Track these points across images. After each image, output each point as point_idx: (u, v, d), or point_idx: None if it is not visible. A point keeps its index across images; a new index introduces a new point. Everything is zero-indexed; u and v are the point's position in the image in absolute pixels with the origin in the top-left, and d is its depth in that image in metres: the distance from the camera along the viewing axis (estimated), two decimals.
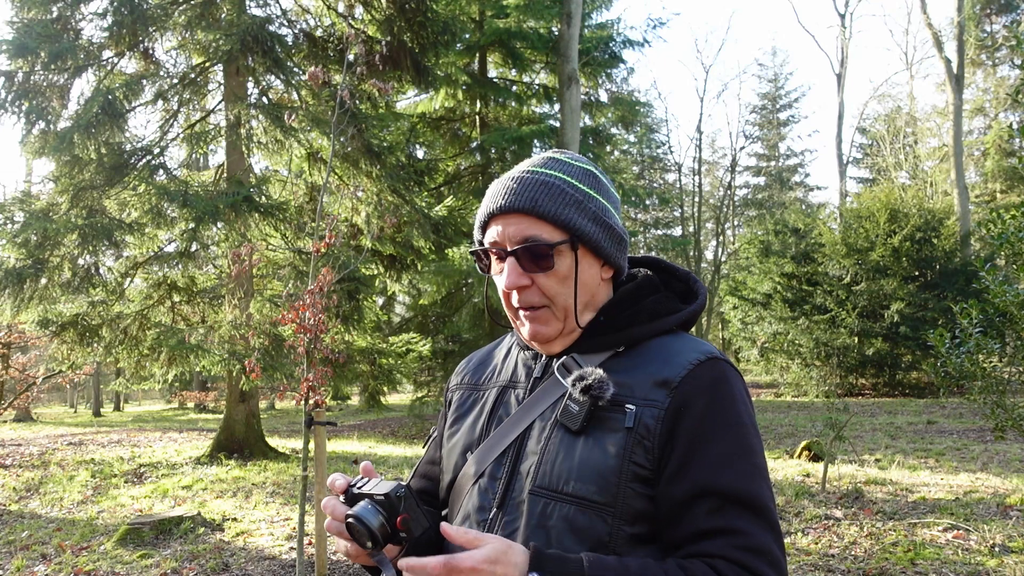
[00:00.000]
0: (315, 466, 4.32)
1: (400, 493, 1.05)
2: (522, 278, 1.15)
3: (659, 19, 30.79)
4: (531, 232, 1.14)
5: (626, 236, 1.23)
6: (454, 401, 1.35)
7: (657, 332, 1.18)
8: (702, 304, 1.25)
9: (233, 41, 9.18)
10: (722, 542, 1.03)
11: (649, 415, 1.09)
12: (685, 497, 1.05)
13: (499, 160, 15.33)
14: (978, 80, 29.48)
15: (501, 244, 1.17)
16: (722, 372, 1.13)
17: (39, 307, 9.66)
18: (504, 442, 1.17)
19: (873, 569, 4.45)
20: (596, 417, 1.10)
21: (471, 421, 1.27)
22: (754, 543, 1.03)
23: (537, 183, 1.16)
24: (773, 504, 1.08)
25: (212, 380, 23.68)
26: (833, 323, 17.41)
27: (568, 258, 1.15)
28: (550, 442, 1.12)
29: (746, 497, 1.05)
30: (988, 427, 6.25)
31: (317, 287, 4.23)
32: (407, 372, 11.83)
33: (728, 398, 1.11)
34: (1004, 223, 4.29)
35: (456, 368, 1.43)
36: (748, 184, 40.74)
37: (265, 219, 9.58)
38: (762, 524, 1.04)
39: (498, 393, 1.26)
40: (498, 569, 0.97)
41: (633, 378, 1.12)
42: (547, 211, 1.14)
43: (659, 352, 1.15)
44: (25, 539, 6.44)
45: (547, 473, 1.10)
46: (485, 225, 1.21)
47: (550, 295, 1.16)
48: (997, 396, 4.55)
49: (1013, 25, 24.20)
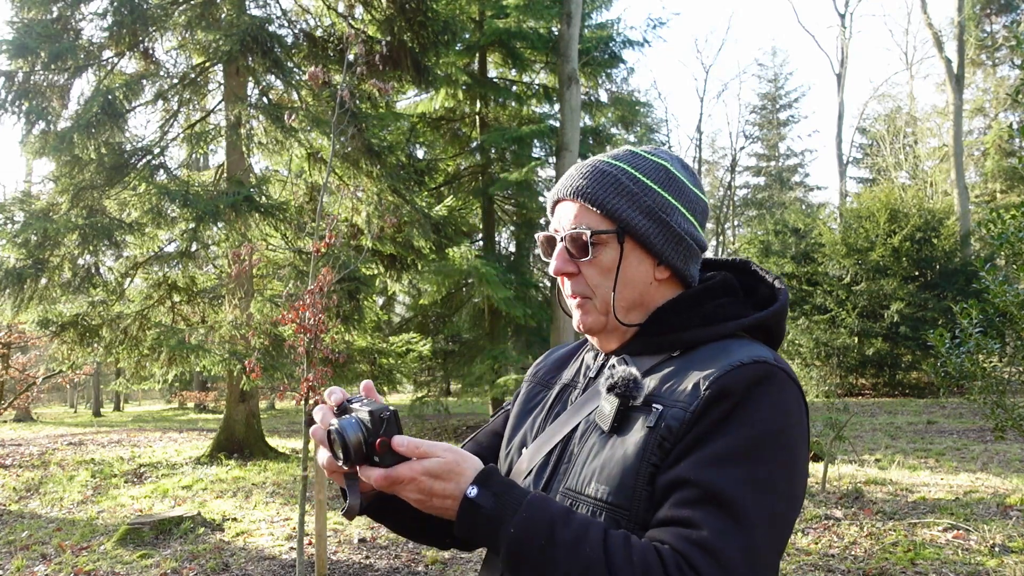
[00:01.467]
0: (315, 466, 4.32)
1: (386, 415, 1.03)
2: (567, 265, 1.15)
3: (659, 19, 30.77)
4: (581, 219, 1.13)
5: (694, 240, 1.16)
6: (523, 393, 1.34)
7: (715, 336, 1.10)
8: (775, 311, 1.14)
9: (233, 41, 9.18)
10: (675, 531, 0.95)
11: (674, 415, 1.02)
12: (666, 484, 0.99)
13: (499, 160, 15.32)
14: (978, 80, 29.48)
15: (556, 230, 1.17)
16: (766, 375, 1.02)
17: (39, 307, 9.66)
18: (553, 440, 1.16)
19: (873, 569, 4.45)
20: (626, 418, 1.06)
21: (532, 417, 1.26)
22: (708, 541, 0.91)
23: (597, 171, 1.15)
24: (764, 523, 0.95)
25: (212, 380, 23.66)
26: (833, 323, 17.41)
27: (613, 250, 1.12)
28: (586, 443, 1.10)
29: (725, 498, 0.94)
30: (988, 427, 6.25)
31: (317, 287, 4.22)
32: (407, 372, 11.84)
33: (760, 401, 1.00)
34: (1004, 223, 4.29)
35: (536, 360, 1.42)
36: (748, 184, 40.77)
37: (265, 219, 9.58)
38: (731, 529, 0.93)
39: (559, 392, 1.25)
40: (436, 484, 0.98)
41: (677, 381, 1.06)
42: (595, 199, 1.12)
43: (711, 355, 1.07)
44: (25, 539, 6.44)
45: (577, 474, 1.08)
46: (552, 211, 1.21)
47: (592, 286, 1.14)
48: (997, 396, 4.55)
49: (1013, 25, 24.21)
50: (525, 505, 0.97)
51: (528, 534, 0.94)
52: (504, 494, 0.98)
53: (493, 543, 0.98)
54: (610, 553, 0.92)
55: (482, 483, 0.98)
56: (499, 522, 0.96)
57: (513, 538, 0.95)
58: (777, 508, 0.97)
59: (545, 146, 15.41)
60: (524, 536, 0.95)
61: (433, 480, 0.98)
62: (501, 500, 0.97)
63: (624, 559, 0.92)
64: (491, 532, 0.97)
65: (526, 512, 0.96)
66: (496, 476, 1.00)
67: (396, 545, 5.58)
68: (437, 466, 0.98)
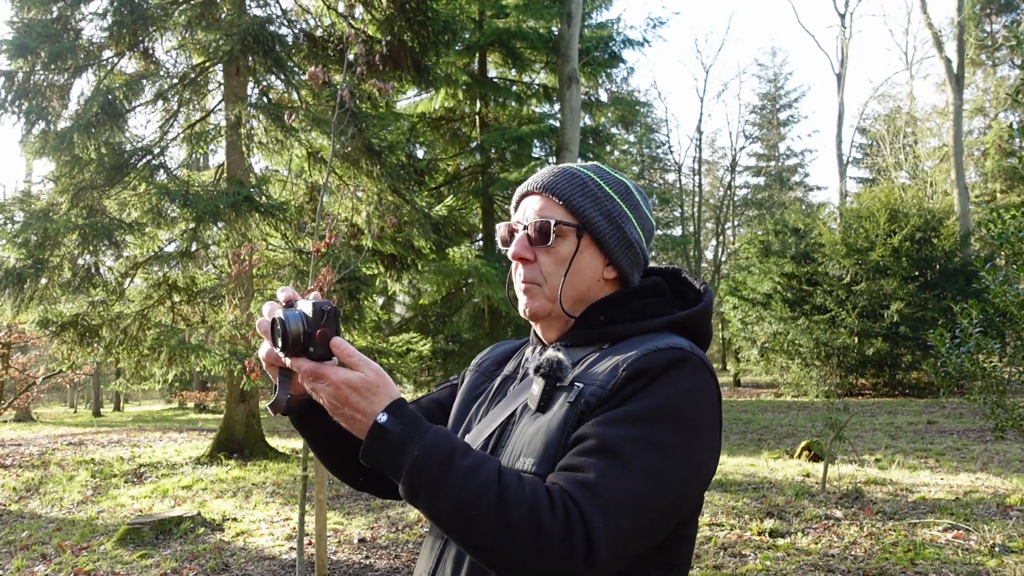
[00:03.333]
0: (315, 466, 4.32)
1: (327, 308, 1.07)
2: (525, 251, 1.23)
3: (659, 19, 30.79)
4: (546, 211, 1.23)
5: (641, 250, 1.26)
6: (467, 382, 1.41)
7: (641, 331, 1.19)
8: (698, 311, 1.23)
9: (233, 41, 9.17)
10: (566, 474, 1.01)
11: (592, 392, 1.09)
12: (571, 442, 1.06)
13: (499, 160, 15.33)
14: (978, 80, 29.47)
15: (519, 221, 1.26)
16: (680, 359, 1.09)
17: (39, 307, 9.65)
18: (492, 426, 1.22)
19: (873, 569, 4.45)
20: (552, 398, 1.13)
21: (476, 405, 1.32)
22: (592, 481, 0.98)
23: (566, 173, 1.26)
24: (649, 476, 1.00)
25: (212, 380, 23.66)
26: (833, 323, 17.41)
27: (571, 243, 1.21)
28: (519, 425, 1.17)
29: (614, 449, 1.00)
30: (988, 427, 6.25)
31: (317, 287, 4.22)
32: (407, 372, 11.83)
33: (670, 379, 1.07)
34: (1004, 223, 4.29)
35: (481, 351, 1.49)
36: (748, 184, 40.74)
37: (265, 219, 9.58)
38: (615, 474, 0.98)
39: (500, 383, 1.32)
40: (352, 396, 1.03)
41: (600, 364, 1.14)
42: (562, 194, 1.22)
43: (634, 345, 1.14)
44: (25, 539, 6.44)
45: (510, 452, 1.14)
46: (517, 206, 1.30)
47: (545, 273, 1.22)
48: (997, 396, 4.55)
49: (1013, 25, 24.19)
50: (430, 433, 1.02)
51: (428, 459, 0.99)
52: (411, 423, 1.02)
53: (396, 468, 1.01)
54: (503, 483, 0.98)
55: (392, 411, 1.03)
56: (403, 447, 1.00)
57: (415, 460, 0.99)
58: (666, 470, 1.02)
59: (545, 146, 15.42)
60: (425, 460, 0.99)
61: (350, 391, 1.03)
62: (408, 427, 1.02)
63: (516, 489, 0.97)
64: (395, 456, 1.01)
65: (430, 439, 1.01)
66: (406, 407, 1.05)
67: (396, 545, 5.58)
68: (358, 380, 1.04)
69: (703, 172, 38.35)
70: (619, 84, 26.50)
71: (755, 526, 5.43)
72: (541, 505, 0.96)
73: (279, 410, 1.19)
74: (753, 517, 5.70)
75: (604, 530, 0.95)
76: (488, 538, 0.96)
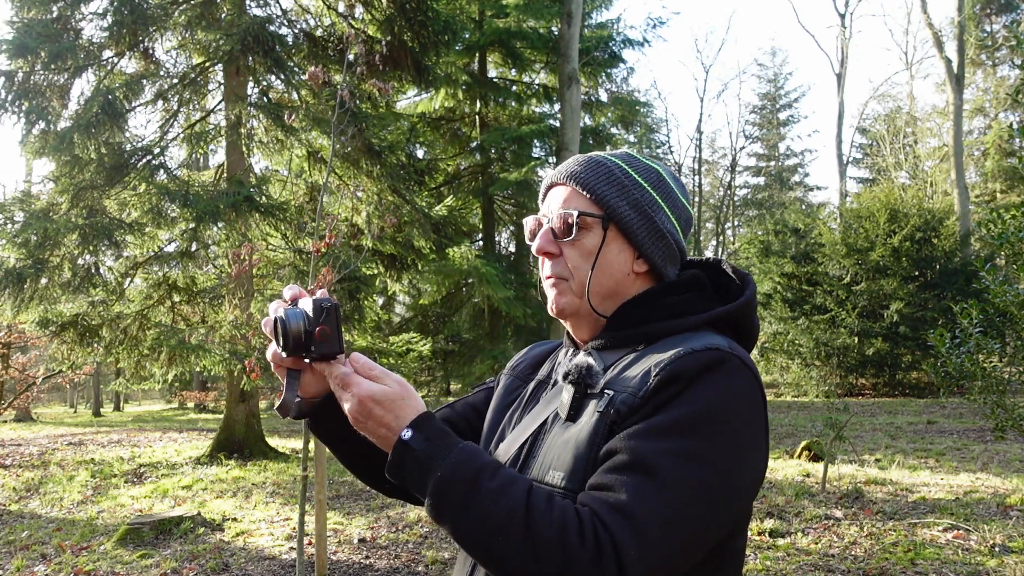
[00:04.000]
0: (315, 466, 4.32)
1: (327, 304, 1.06)
2: (550, 244, 1.17)
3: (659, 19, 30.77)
4: (570, 203, 1.16)
5: (675, 241, 1.18)
6: (502, 386, 1.35)
7: (678, 329, 1.11)
8: (739, 306, 1.14)
9: (233, 41, 9.17)
10: (597, 495, 0.95)
11: (623, 400, 1.02)
12: (602, 456, 1.00)
13: (499, 160, 15.33)
14: (978, 80, 29.47)
15: (545, 214, 1.20)
16: (719, 360, 1.01)
17: (39, 307, 9.65)
18: (525, 434, 1.17)
19: (873, 569, 4.45)
20: (582, 406, 1.08)
21: (511, 412, 1.27)
22: (625, 504, 0.92)
23: (592, 161, 1.19)
24: (687, 492, 0.94)
25: (212, 380, 23.65)
26: (833, 323, 17.40)
27: (596, 235, 1.15)
28: (550, 434, 1.12)
29: (647, 465, 0.94)
30: (988, 427, 6.25)
31: (317, 287, 4.22)
32: (407, 372, 11.83)
33: (708, 384, 0.99)
34: (1004, 223, 4.29)
35: (518, 352, 1.43)
36: (748, 184, 40.78)
37: (265, 219, 9.58)
38: (649, 494, 0.92)
39: (534, 388, 1.27)
40: (376, 409, 1.01)
41: (633, 369, 1.07)
42: (586, 184, 1.16)
43: (669, 346, 1.07)
44: (25, 539, 6.44)
45: (540, 464, 1.09)
46: (544, 197, 1.24)
47: (571, 267, 1.16)
48: (997, 396, 4.55)
49: (1013, 25, 24.20)
50: (456, 451, 0.98)
51: (454, 479, 0.95)
52: (437, 439, 0.99)
53: (421, 485, 0.98)
54: (531, 506, 0.93)
55: (417, 427, 1.00)
56: (428, 465, 0.97)
57: (439, 480, 0.96)
58: (705, 484, 0.95)
59: (545, 146, 15.42)
60: (450, 480, 0.95)
61: (374, 404, 1.01)
62: (433, 444, 0.98)
63: (543, 513, 0.93)
64: (420, 474, 0.98)
65: (456, 458, 0.97)
66: (432, 421, 1.01)
67: (396, 545, 5.58)
68: (381, 393, 1.01)
69: (703, 172, 38.37)
70: (619, 84, 26.47)
71: (755, 526, 5.43)
72: (570, 530, 0.91)
73: (287, 413, 1.15)
74: (753, 517, 5.70)
75: (637, 557, 0.89)
76: (515, 564, 0.92)
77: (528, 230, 1.23)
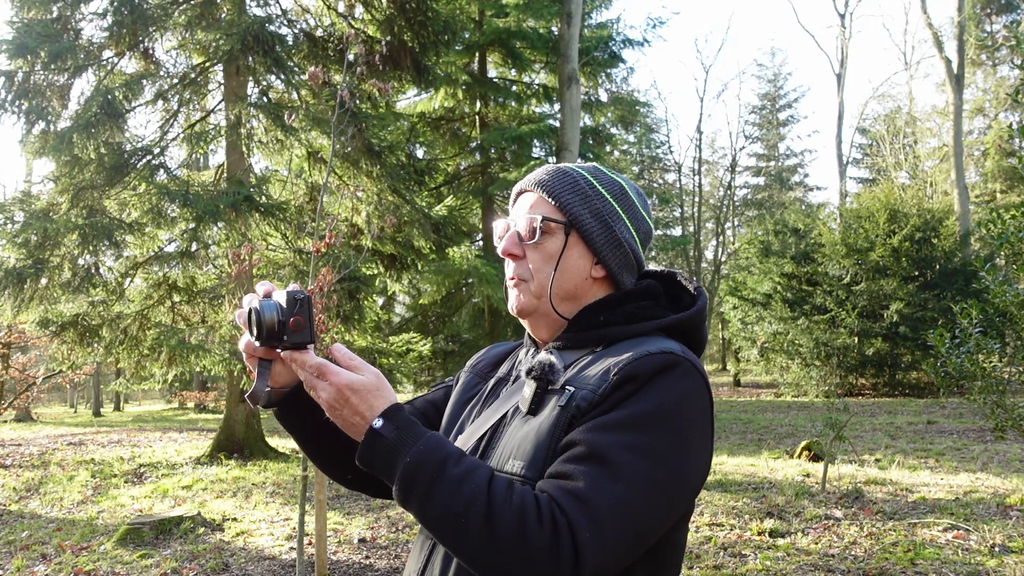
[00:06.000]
0: (315, 466, 4.31)
1: (300, 296, 1.10)
2: (514, 247, 1.24)
3: (659, 18, 30.78)
4: (536, 208, 1.24)
5: (632, 252, 1.25)
6: (461, 383, 1.41)
7: (634, 334, 1.19)
8: (691, 316, 1.22)
9: (233, 41, 9.17)
10: (555, 482, 1.02)
11: (583, 396, 1.09)
12: (560, 448, 1.07)
13: (499, 160, 15.33)
14: (978, 80, 29.48)
15: (514, 219, 1.28)
16: (672, 363, 1.09)
17: (39, 307, 9.65)
18: (484, 427, 1.22)
19: (873, 569, 4.45)
20: (543, 401, 1.14)
21: (469, 407, 1.33)
22: (581, 490, 0.98)
23: (560, 171, 1.27)
24: (638, 484, 1.00)
25: (212, 380, 23.65)
26: (833, 323, 17.41)
27: (558, 240, 1.22)
28: (510, 427, 1.17)
29: (603, 456, 1.00)
30: (988, 427, 6.25)
31: (317, 287, 4.23)
32: (407, 372, 11.83)
33: (660, 385, 1.07)
34: (1004, 223, 4.29)
35: (478, 352, 1.50)
36: (748, 184, 40.73)
37: (265, 219, 9.58)
38: (603, 482, 0.99)
39: (494, 384, 1.33)
40: (352, 397, 1.06)
41: (592, 368, 1.14)
42: (552, 191, 1.23)
43: (625, 349, 1.14)
44: (25, 539, 6.44)
45: (500, 454, 1.15)
46: (514, 202, 1.32)
47: (532, 269, 1.23)
48: (997, 396, 4.55)
49: (1013, 25, 24.19)
50: (423, 440, 1.03)
51: (420, 465, 1.01)
52: (406, 429, 1.05)
53: (390, 471, 1.03)
54: (492, 491, 0.99)
55: (388, 416, 1.05)
56: (397, 452, 1.03)
57: (407, 466, 1.01)
58: (656, 475, 1.02)
59: (545, 146, 15.42)
60: (416, 466, 1.01)
61: (351, 393, 1.06)
62: (402, 433, 1.04)
63: (504, 498, 0.98)
64: (389, 461, 1.03)
65: (423, 446, 1.03)
66: (401, 412, 1.07)
67: (396, 545, 5.58)
68: (358, 383, 1.07)
69: (703, 172, 38.36)
70: (619, 84, 26.51)
71: (755, 526, 5.43)
72: (529, 514, 0.97)
73: (258, 401, 1.19)
74: (753, 517, 5.70)
75: (591, 539, 0.96)
76: (476, 546, 0.98)
77: (496, 234, 1.30)
